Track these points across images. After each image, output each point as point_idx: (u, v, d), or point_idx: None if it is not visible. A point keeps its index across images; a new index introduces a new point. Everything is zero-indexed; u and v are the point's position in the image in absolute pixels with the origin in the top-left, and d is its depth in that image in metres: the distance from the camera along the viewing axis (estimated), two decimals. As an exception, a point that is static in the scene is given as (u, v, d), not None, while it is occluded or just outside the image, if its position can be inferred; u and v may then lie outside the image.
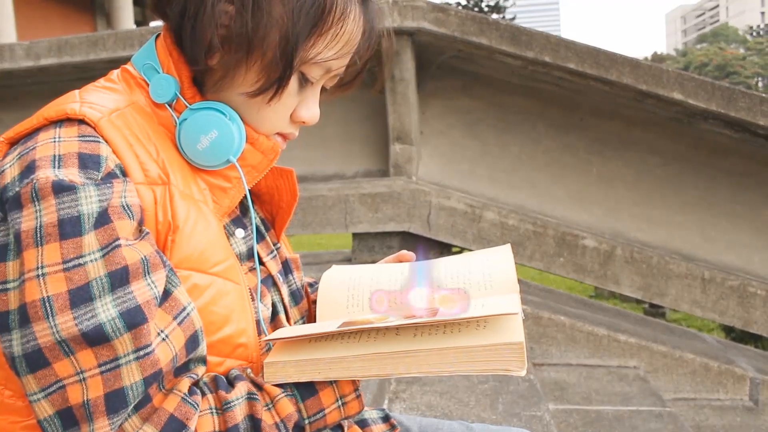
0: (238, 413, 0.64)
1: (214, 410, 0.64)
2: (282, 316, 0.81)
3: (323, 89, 0.80)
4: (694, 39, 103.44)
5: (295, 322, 0.85)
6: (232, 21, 0.68)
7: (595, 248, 2.92)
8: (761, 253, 3.03)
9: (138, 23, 12.13)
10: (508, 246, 0.89)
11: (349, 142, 3.22)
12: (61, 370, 0.58)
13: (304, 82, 0.74)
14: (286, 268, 0.88)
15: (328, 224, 3.01)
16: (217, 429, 0.63)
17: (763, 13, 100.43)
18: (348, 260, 3.13)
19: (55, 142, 0.63)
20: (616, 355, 2.71)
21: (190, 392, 0.64)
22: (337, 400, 0.68)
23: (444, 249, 3.06)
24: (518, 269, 0.86)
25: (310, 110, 0.77)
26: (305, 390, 0.67)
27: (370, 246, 3.06)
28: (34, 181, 0.60)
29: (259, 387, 0.68)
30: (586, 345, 2.72)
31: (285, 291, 0.85)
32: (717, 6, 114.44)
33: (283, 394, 0.66)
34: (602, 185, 3.11)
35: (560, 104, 3.07)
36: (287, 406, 0.66)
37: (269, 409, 0.66)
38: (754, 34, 77.78)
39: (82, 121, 0.66)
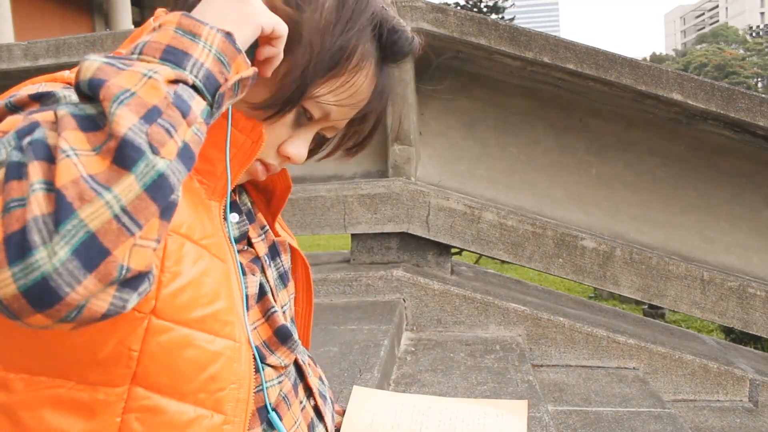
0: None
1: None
2: (270, 296, 0.82)
3: (324, 137, 0.81)
4: (693, 39, 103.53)
5: (282, 305, 0.86)
6: None
7: (595, 249, 2.92)
8: (761, 254, 3.02)
9: (136, 24, 12.13)
10: (525, 404, 0.96)
11: (347, 143, 3.21)
12: None
13: (301, 116, 0.76)
14: (273, 251, 0.88)
15: (327, 225, 3.00)
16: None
17: (762, 14, 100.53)
18: (347, 261, 3.13)
19: (38, 86, 0.63)
20: (615, 356, 2.70)
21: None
22: (204, 46, 0.57)
23: (443, 249, 3.05)
24: (517, 270, 0.88)
25: (298, 148, 0.78)
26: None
27: (368, 247, 3.05)
28: (10, 99, 0.59)
29: None
30: (586, 346, 2.71)
31: (272, 273, 0.85)
32: (716, 6, 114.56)
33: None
34: (601, 186, 3.11)
35: (559, 105, 3.07)
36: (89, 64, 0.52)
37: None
38: (754, 34, 77.84)
39: (67, 84, 0.66)
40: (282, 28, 0.66)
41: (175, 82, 0.54)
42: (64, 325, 0.49)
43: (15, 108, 0.59)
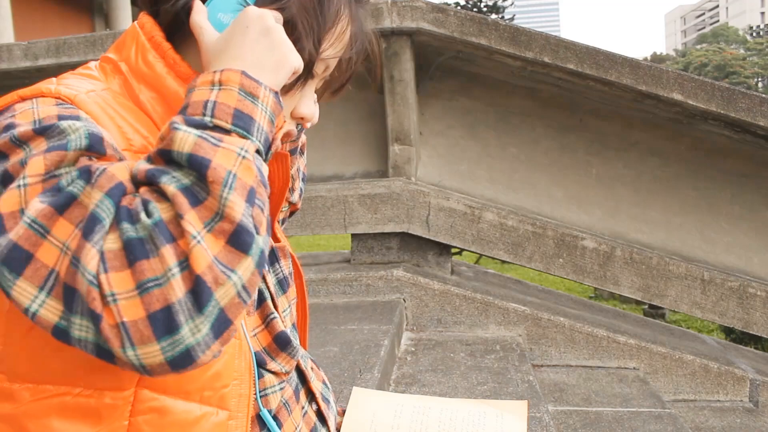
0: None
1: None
2: (269, 302, 0.82)
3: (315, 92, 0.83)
4: (693, 39, 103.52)
5: (282, 311, 0.86)
6: None
7: (595, 249, 2.92)
8: (761, 254, 3.02)
9: (137, 23, 12.11)
10: (524, 405, 0.97)
11: (348, 143, 3.22)
12: (46, 256, 0.54)
13: (308, 78, 0.77)
14: (272, 256, 0.88)
15: (327, 225, 3.01)
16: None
17: (763, 14, 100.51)
18: (347, 261, 3.13)
19: (33, 109, 0.63)
20: (615, 356, 2.70)
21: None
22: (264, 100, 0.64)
23: (443, 249, 3.05)
24: (518, 270, 0.88)
25: (309, 107, 0.80)
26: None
27: (369, 247, 3.05)
28: (13, 132, 0.60)
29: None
30: (586, 346, 2.71)
31: (271, 279, 0.85)
32: (717, 6, 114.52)
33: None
34: (602, 186, 3.11)
35: (560, 105, 3.07)
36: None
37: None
38: (754, 34, 77.81)
39: (57, 99, 0.66)
40: (300, 66, 0.70)
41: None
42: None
43: (20, 143, 0.60)
